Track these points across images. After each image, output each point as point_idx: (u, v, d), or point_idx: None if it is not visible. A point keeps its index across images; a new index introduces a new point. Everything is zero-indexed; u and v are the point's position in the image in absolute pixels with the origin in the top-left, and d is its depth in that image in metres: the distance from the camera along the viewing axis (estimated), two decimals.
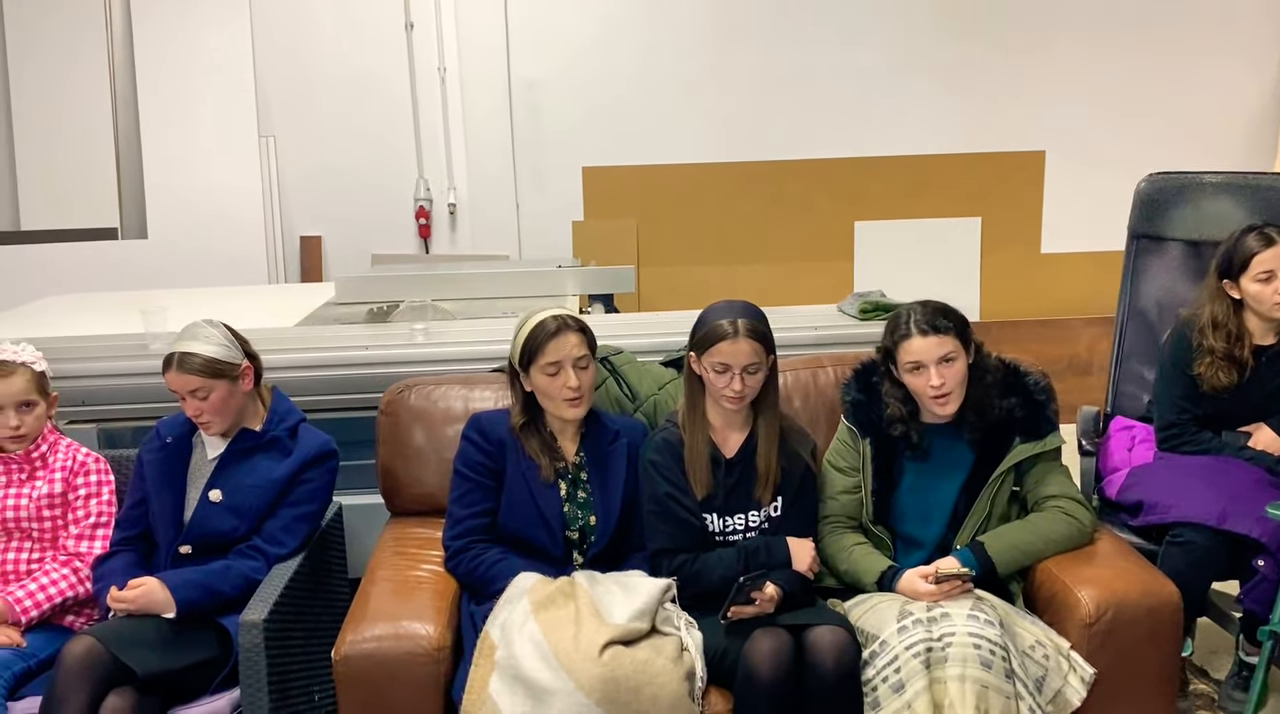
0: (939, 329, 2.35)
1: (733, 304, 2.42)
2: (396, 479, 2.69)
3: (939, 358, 2.34)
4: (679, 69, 5.78)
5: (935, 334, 2.34)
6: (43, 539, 2.44)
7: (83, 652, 2.08)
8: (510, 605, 2.20)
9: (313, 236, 5.76)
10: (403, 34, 5.60)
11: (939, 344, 2.34)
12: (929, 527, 2.45)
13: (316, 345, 3.28)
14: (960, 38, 5.83)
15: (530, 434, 2.45)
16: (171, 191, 5.44)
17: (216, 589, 2.28)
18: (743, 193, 5.86)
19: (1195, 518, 2.56)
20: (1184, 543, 2.56)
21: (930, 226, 5.91)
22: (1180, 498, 2.62)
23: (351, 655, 2.10)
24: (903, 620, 2.16)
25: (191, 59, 5.43)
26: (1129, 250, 3.33)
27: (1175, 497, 2.63)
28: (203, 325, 2.42)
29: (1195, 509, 2.58)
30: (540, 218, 5.85)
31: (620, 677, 2.03)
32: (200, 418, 2.38)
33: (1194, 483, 2.67)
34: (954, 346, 2.36)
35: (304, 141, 5.64)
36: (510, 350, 2.49)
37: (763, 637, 2.11)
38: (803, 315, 3.49)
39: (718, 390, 2.37)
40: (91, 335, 3.47)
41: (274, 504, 2.42)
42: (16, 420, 2.41)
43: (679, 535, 2.37)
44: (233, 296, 4.32)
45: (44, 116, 5.47)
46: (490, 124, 5.73)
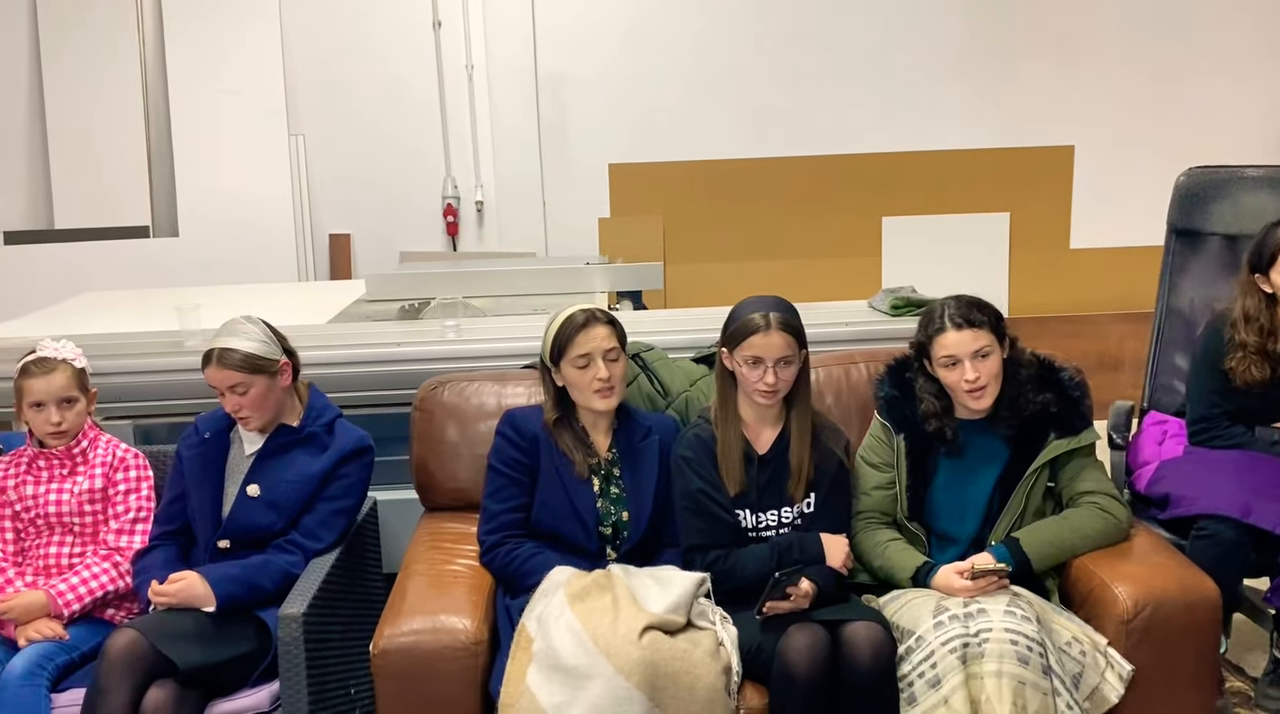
0: (974, 323, 2.34)
1: (764, 298, 2.43)
2: (431, 474, 2.71)
3: (973, 352, 2.33)
4: (706, 64, 5.77)
5: (970, 328, 2.34)
6: (83, 534, 2.47)
7: (126, 644, 2.11)
8: (546, 598, 2.21)
9: (341, 234, 5.79)
10: (430, 32, 5.62)
11: (974, 338, 2.33)
12: (963, 523, 2.45)
13: (349, 342, 3.31)
14: (989, 32, 5.80)
15: (563, 430, 2.46)
16: (202, 190, 5.48)
17: (255, 583, 2.31)
18: (769, 189, 5.85)
19: (1219, 510, 2.54)
20: (1209, 536, 2.54)
21: (958, 222, 5.88)
22: (1205, 491, 2.61)
23: (390, 649, 2.12)
24: (939, 616, 2.16)
25: (222, 59, 5.48)
26: (1167, 245, 3.30)
27: (1201, 490, 2.62)
28: (242, 322, 2.44)
29: (1220, 502, 2.56)
30: (566, 215, 5.86)
31: (659, 661, 2.04)
32: (239, 413, 2.40)
33: (1220, 476, 2.65)
34: (989, 341, 2.35)
35: (333, 140, 5.68)
36: (541, 346, 2.50)
37: (798, 632, 2.12)
38: (833, 311, 3.48)
39: (750, 384, 2.37)
40: (127, 332, 3.50)
41: (311, 499, 2.44)
42: (58, 416, 2.44)
43: (712, 531, 2.38)
44: (264, 294, 4.36)
45: (77, 117, 5.53)
46: (517, 121, 5.74)
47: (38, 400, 2.44)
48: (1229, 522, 2.53)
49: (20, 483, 2.46)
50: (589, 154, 5.80)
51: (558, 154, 5.81)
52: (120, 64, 5.51)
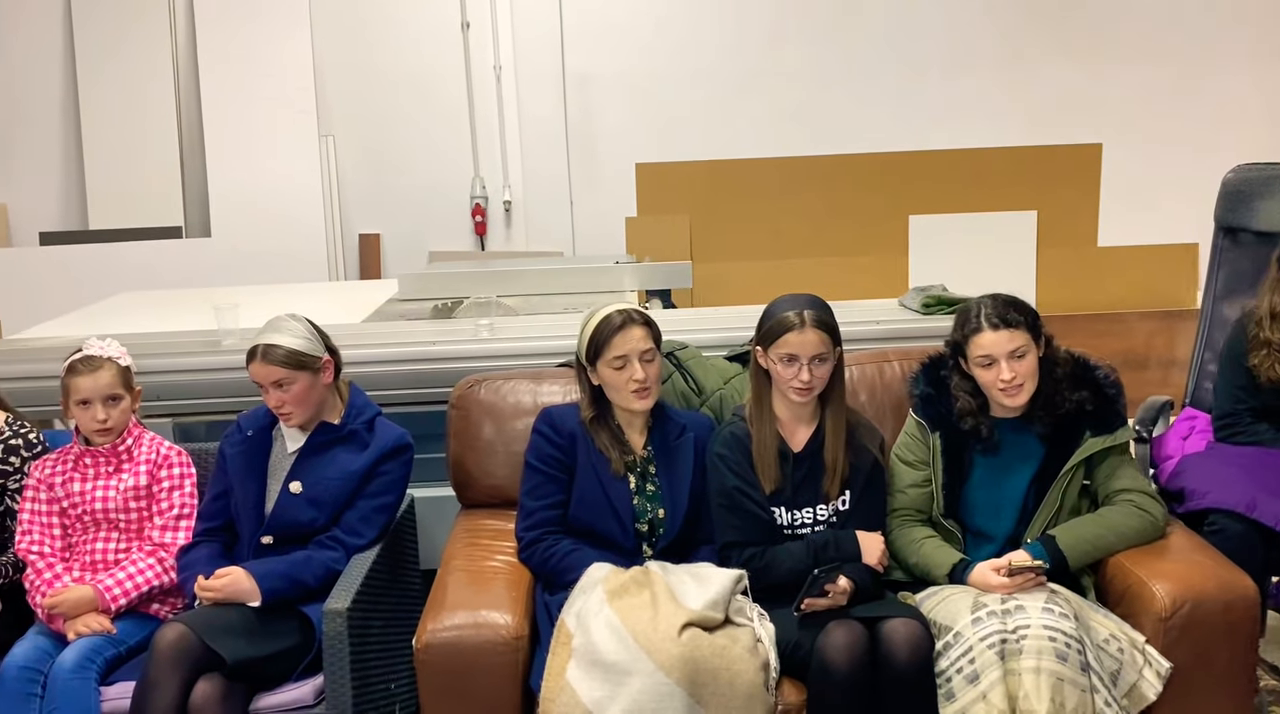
0: (1010, 323, 2.34)
1: (798, 297, 2.44)
2: (468, 472, 2.74)
3: (1010, 352, 2.34)
4: (732, 64, 5.79)
5: (1007, 328, 2.34)
6: (128, 530, 2.51)
7: (175, 639, 2.14)
8: (585, 594, 2.23)
9: (371, 234, 5.84)
10: (459, 33, 5.66)
11: (1010, 338, 2.34)
12: (999, 520, 2.45)
13: (384, 341, 3.34)
14: (1017, 29, 5.78)
15: (599, 427, 2.49)
16: (234, 191, 5.54)
17: (299, 579, 2.34)
18: (796, 187, 5.86)
19: (1226, 505, 2.53)
20: (1218, 531, 2.52)
21: (985, 220, 5.87)
22: (1216, 485, 2.60)
23: (433, 644, 2.15)
24: (977, 612, 2.17)
25: (253, 61, 5.54)
26: (1214, 242, 3.30)
27: (1212, 484, 2.61)
28: (286, 319, 2.48)
29: (1227, 496, 2.55)
30: (593, 214, 5.89)
31: (699, 658, 2.06)
32: (282, 409, 2.44)
33: (1232, 471, 2.64)
34: (1025, 341, 2.35)
35: (363, 140, 5.73)
36: (577, 345, 2.52)
37: (837, 629, 2.13)
38: (864, 309, 3.49)
39: (785, 382, 2.38)
40: (165, 332, 3.55)
41: (352, 496, 2.47)
42: (103, 414, 2.48)
43: (748, 528, 2.39)
44: (299, 293, 4.40)
45: (111, 119, 5.60)
46: (545, 122, 5.78)
47: (84, 398, 2.48)
48: (1235, 516, 2.52)
49: (67, 480, 2.50)
50: (616, 154, 5.82)
51: (585, 154, 5.84)
52: (153, 67, 5.57)
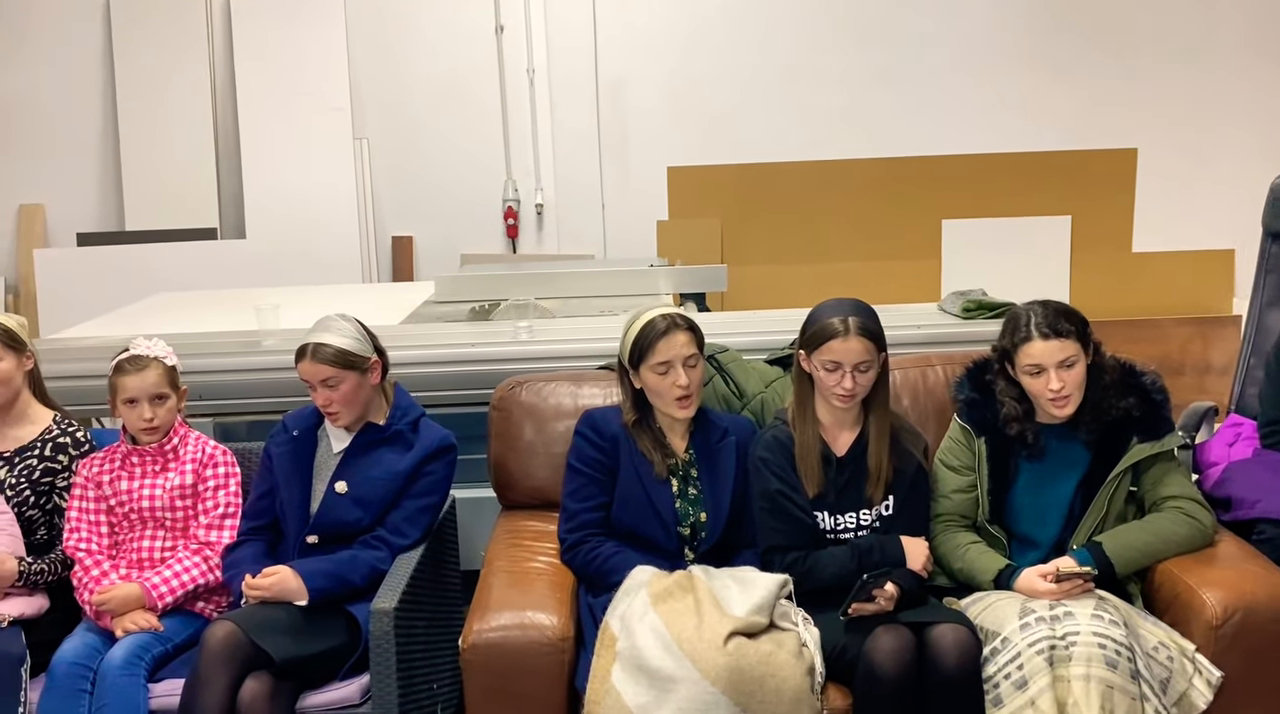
0: (1061, 333, 2.32)
1: (843, 302, 2.43)
2: (509, 473, 2.75)
3: (1059, 362, 2.32)
4: (765, 67, 5.78)
5: (1057, 338, 2.32)
6: (174, 528, 2.53)
7: (224, 636, 2.16)
8: (629, 597, 2.23)
9: (404, 237, 5.86)
10: (493, 37, 5.68)
11: (1060, 348, 2.32)
12: (1044, 526, 2.44)
13: (423, 342, 3.36)
14: (1052, 33, 5.75)
15: (641, 431, 2.49)
16: (269, 193, 5.58)
17: (345, 578, 2.35)
18: (828, 191, 5.84)
19: (1275, 514, 2.50)
20: (1267, 540, 2.49)
21: (1019, 225, 5.84)
22: (1265, 493, 2.56)
23: (479, 644, 2.15)
24: (1025, 618, 2.16)
25: (289, 65, 5.58)
26: (1262, 248, 3.26)
27: (1260, 492, 2.57)
28: (336, 318, 2.49)
29: (1274, 505, 2.52)
30: (625, 217, 5.89)
31: (745, 667, 2.05)
32: (329, 408, 2.45)
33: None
34: (1075, 351, 2.33)
35: (396, 143, 5.75)
36: (619, 348, 2.52)
37: (885, 634, 2.12)
38: (903, 313, 3.47)
39: (828, 388, 2.37)
40: (205, 332, 3.57)
41: (397, 496, 2.48)
42: (150, 412, 2.50)
43: (791, 532, 2.39)
44: (335, 295, 4.43)
45: (148, 122, 5.65)
46: (577, 125, 5.79)
47: (131, 397, 2.50)
48: None
49: (115, 478, 2.53)
50: (648, 157, 5.83)
51: (617, 157, 5.84)
52: (190, 70, 5.62)
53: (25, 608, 2.39)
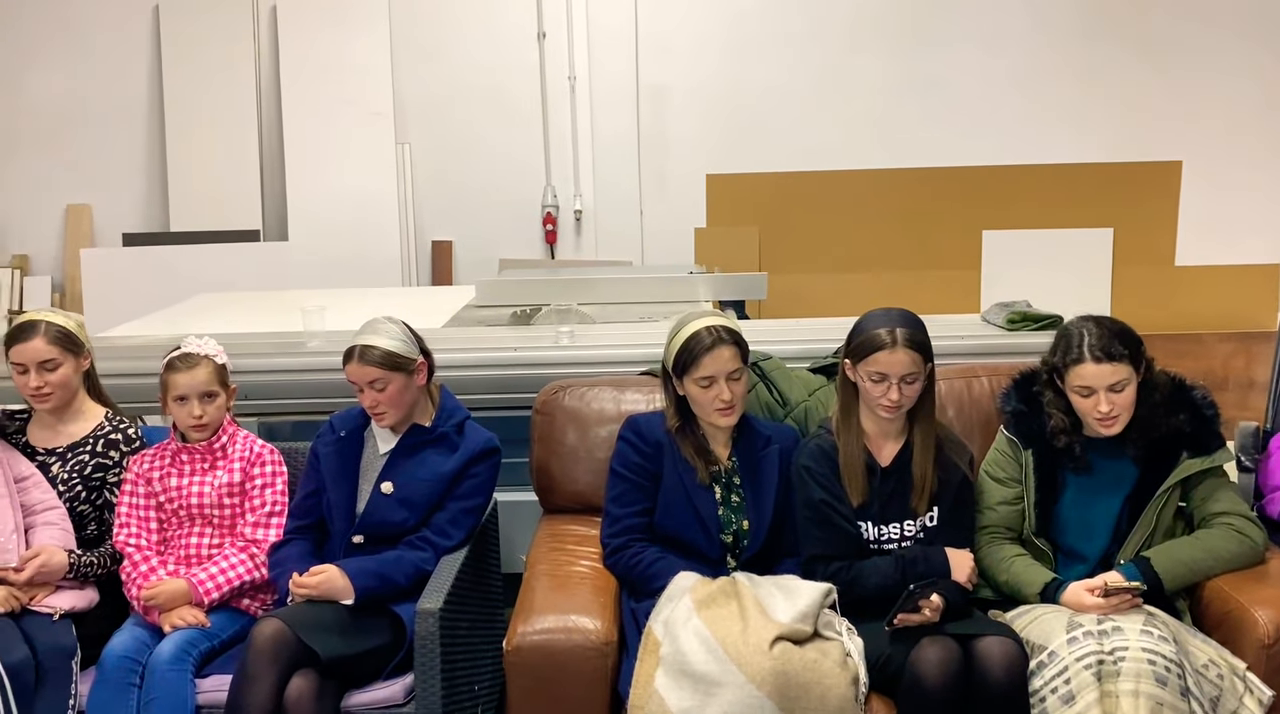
0: (1114, 357, 2.29)
1: (890, 312, 2.42)
2: (551, 477, 2.76)
3: (1111, 385, 2.29)
4: (805, 76, 5.79)
5: (1110, 362, 2.29)
6: (221, 525, 2.55)
7: (272, 634, 2.18)
8: (672, 603, 2.23)
9: (444, 241, 5.91)
10: (535, 43, 5.72)
11: (1113, 372, 2.29)
12: (1091, 540, 2.41)
13: (465, 345, 3.37)
14: (1096, 44, 5.72)
15: (684, 437, 2.49)
16: (312, 196, 5.64)
17: (391, 578, 2.37)
18: (868, 200, 5.83)
19: None
20: None
21: (1060, 237, 5.79)
22: None
23: (523, 646, 2.16)
24: (1073, 632, 2.14)
25: (334, 70, 5.64)
26: None
27: None
28: (383, 321, 2.51)
29: None
30: (663, 224, 5.91)
31: (791, 672, 2.05)
32: (376, 409, 2.47)
33: None
34: (1128, 374, 2.30)
35: (438, 148, 5.81)
36: (664, 355, 2.53)
37: (931, 645, 2.11)
38: (946, 324, 3.45)
39: (873, 399, 2.37)
40: (250, 332, 3.61)
41: (442, 497, 2.50)
42: (199, 410, 2.53)
43: (834, 542, 2.38)
44: (377, 297, 4.47)
45: (193, 124, 5.73)
46: (617, 132, 5.81)
47: (181, 394, 2.53)
48: None
49: (164, 475, 2.56)
50: (687, 164, 5.84)
51: (656, 164, 5.86)
52: (236, 75, 5.70)
53: (76, 601, 2.42)
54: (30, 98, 5.83)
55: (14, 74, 5.81)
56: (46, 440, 2.62)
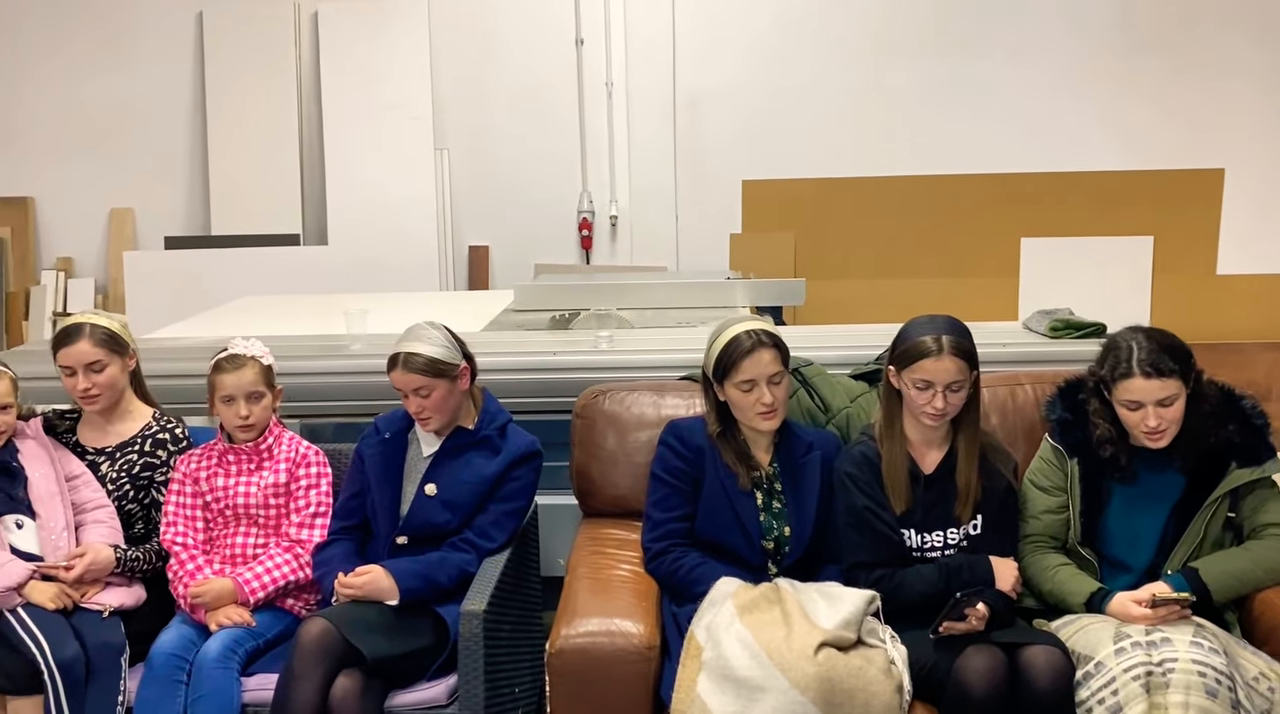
0: (1164, 372, 2.25)
1: (936, 319, 2.41)
2: (591, 481, 2.76)
3: (1159, 400, 2.26)
4: (843, 81, 5.78)
5: (1159, 377, 2.25)
6: (267, 526, 2.58)
7: (318, 633, 2.20)
8: (715, 608, 2.23)
9: (480, 246, 5.95)
10: (573, 50, 5.75)
11: (1162, 387, 2.26)
12: (1137, 550, 2.39)
13: (504, 350, 3.39)
14: (1138, 50, 5.67)
15: (726, 442, 2.49)
16: (351, 200, 5.70)
17: (434, 579, 2.38)
18: (904, 207, 5.81)
19: None
20: None
21: (1100, 245, 5.75)
22: None
23: (566, 649, 2.17)
24: (1120, 642, 2.12)
25: (374, 76, 5.70)
26: None
27: None
28: (426, 327, 2.53)
29: None
30: (698, 230, 5.91)
31: (835, 678, 2.04)
32: (421, 415, 2.49)
33: None
34: (1177, 388, 2.27)
35: (475, 154, 5.84)
36: (704, 360, 2.52)
37: (976, 654, 2.10)
38: (988, 331, 3.42)
39: (918, 406, 2.35)
40: (291, 335, 3.65)
41: (484, 500, 2.51)
42: (246, 410, 2.56)
43: (876, 549, 2.37)
44: (417, 302, 4.49)
45: (235, 129, 5.80)
46: (654, 137, 5.83)
47: (228, 394, 2.56)
48: None
49: (211, 475, 2.59)
50: (723, 170, 5.85)
51: (692, 170, 5.87)
52: (277, 80, 5.76)
53: (125, 599, 2.45)
54: (75, 104, 5.92)
55: (59, 80, 5.90)
56: (96, 440, 2.66)
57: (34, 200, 5.99)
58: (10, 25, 5.87)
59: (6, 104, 5.91)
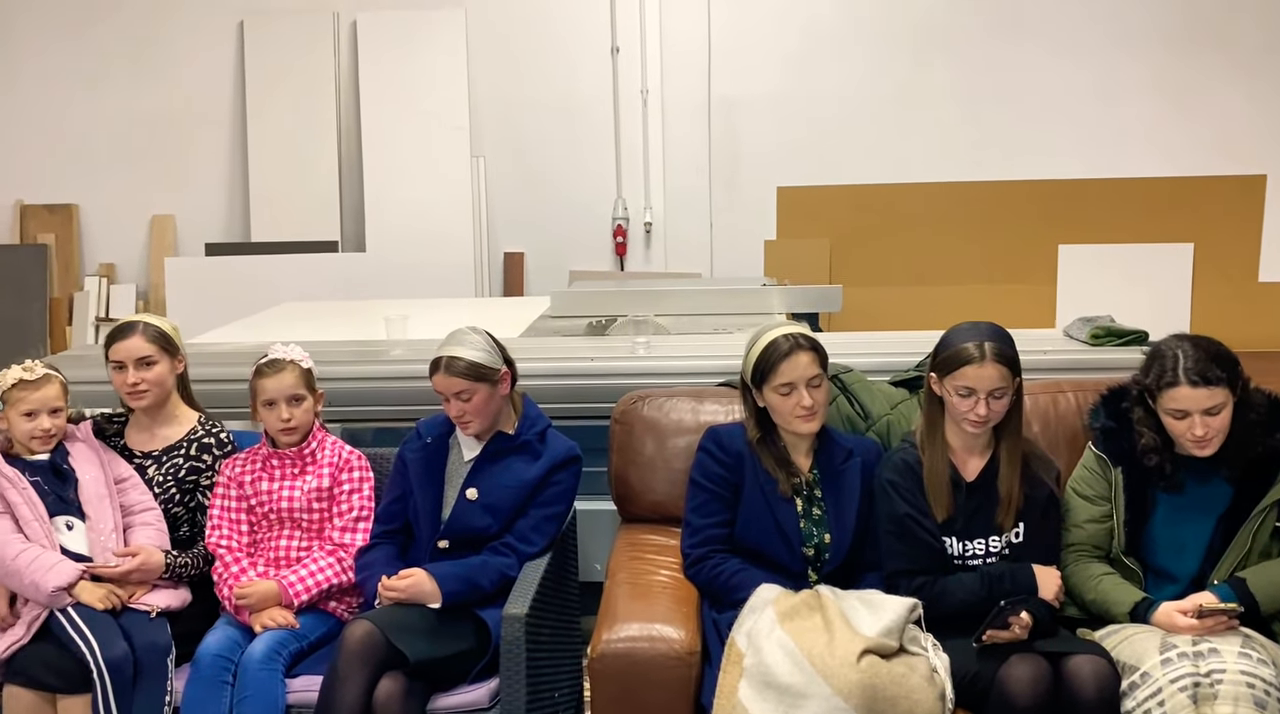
0: (1211, 381, 2.23)
1: (978, 326, 2.40)
2: (630, 486, 2.77)
3: (1206, 409, 2.24)
4: (878, 87, 5.77)
5: (1206, 386, 2.23)
6: (310, 529, 2.61)
7: (362, 635, 2.22)
8: (755, 614, 2.23)
9: (515, 253, 5.98)
10: (608, 58, 5.77)
11: (1209, 396, 2.23)
12: (1183, 560, 2.36)
13: (542, 355, 3.41)
14: (1177, 55, 5.62)
15: (765, 448, 2.48)
16: (389, 208, 5.75)
17: (476, 583, 2.40)
18: (940, 213, 5.79)
19: None
20: None
21: (1139, 252, 5.70)
22: None
23: (608, 654, 2.17)
24: (1166, 653, 2.10)
25: (412, 84, 5.75)
26: None
27: None
28: (467, 332, 2.55)
29: None
30: (732, 237, 5.92)
31: (878, 685, 2.04)
32: (462, 418, 2.51)
33: None
34: (1224, 397, 2.24)
35: (511, 161, 5.88)
36: (742, 367, 2.53)
37: (1020, 662, 2.09)
38: (1028, 338, 3.40)
39: (960, 414, 2.34)
40: (332, 340, 3.68)
41: (524, 504, 2.52)
42: (287, 413, 2.58)
43: (918, 557, 2.36)
44: (455, 308, 4.53)
45: (275, 138, 5.88)
46: (688, 145, 5.84)
47: (269, 398, 2.59)
48: None
49: (256, 479, 2.62)
50: (758, 177, 5.85)
51: (727, 177, 5.88)
52: (316, 89, 5.83)
53: (171, 600, 2.48)
54: (118, 113, 6.02)
55: (102, 89, 6.00)
56: (143, 443, 2.70)
57: (78, 207, 6.09)
58: (55, 37, 5.98)
59: (52, 114, 6.02)
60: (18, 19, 5.97)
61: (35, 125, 6.02)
